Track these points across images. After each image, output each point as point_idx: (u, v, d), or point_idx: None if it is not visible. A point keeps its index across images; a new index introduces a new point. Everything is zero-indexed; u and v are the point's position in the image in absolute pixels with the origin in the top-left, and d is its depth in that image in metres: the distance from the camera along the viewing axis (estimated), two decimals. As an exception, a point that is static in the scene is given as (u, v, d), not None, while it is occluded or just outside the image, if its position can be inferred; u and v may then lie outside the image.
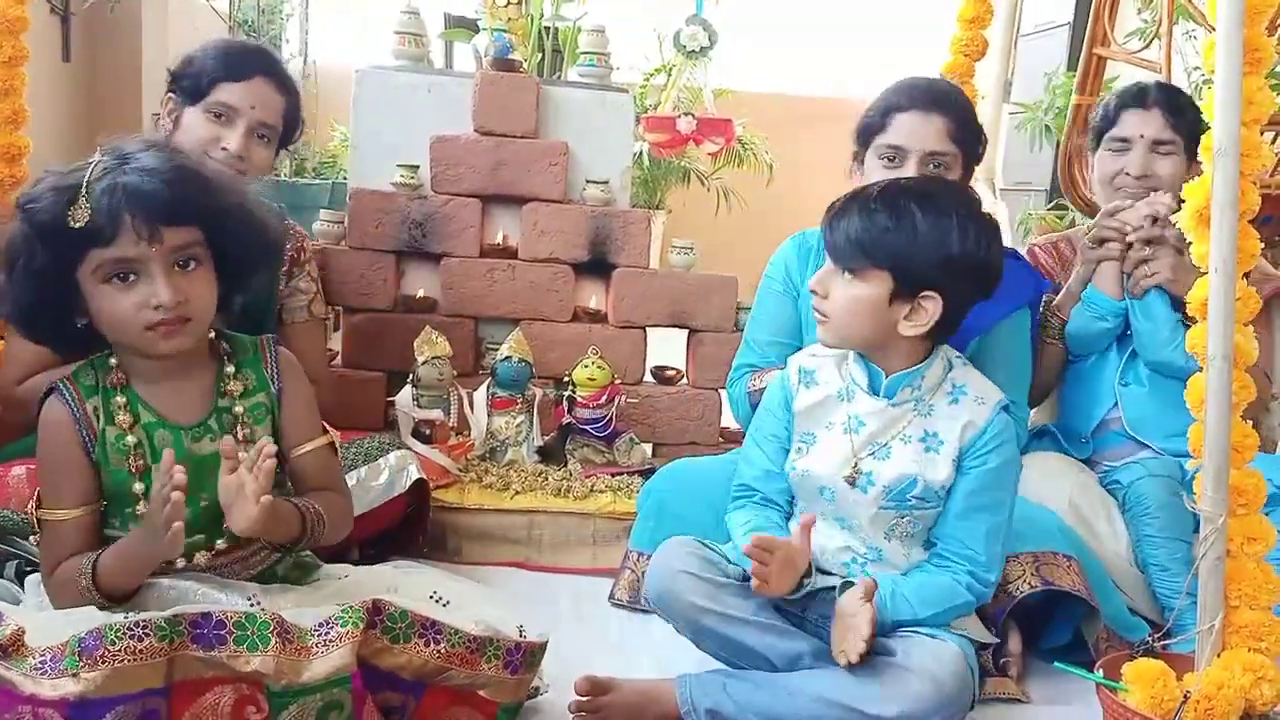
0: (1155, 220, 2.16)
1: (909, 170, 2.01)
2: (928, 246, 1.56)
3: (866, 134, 2.10)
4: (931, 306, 1.59)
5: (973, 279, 1.60)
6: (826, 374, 1.73)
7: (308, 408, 1.66)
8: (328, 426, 1.71)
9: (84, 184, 1.41)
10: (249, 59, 2.14)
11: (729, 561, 1.72)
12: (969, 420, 1.63)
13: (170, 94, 2.15)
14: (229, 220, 1.52)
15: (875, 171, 2.06)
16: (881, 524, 1.66)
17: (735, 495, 1.80)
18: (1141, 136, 2.27)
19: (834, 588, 1.61)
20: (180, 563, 1.53)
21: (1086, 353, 2.29)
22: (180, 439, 1.53)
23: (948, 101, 2.06)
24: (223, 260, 1.53)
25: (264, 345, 1.64)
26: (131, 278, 1.45)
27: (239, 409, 1.57)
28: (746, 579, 1.65)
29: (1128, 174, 2.28)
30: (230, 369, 1.59)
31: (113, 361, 1.54)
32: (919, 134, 2.02)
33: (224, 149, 2.07)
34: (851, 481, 1.65)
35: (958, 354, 1.70)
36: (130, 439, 1.51)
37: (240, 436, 1.55)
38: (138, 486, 1.51)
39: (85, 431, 1.51)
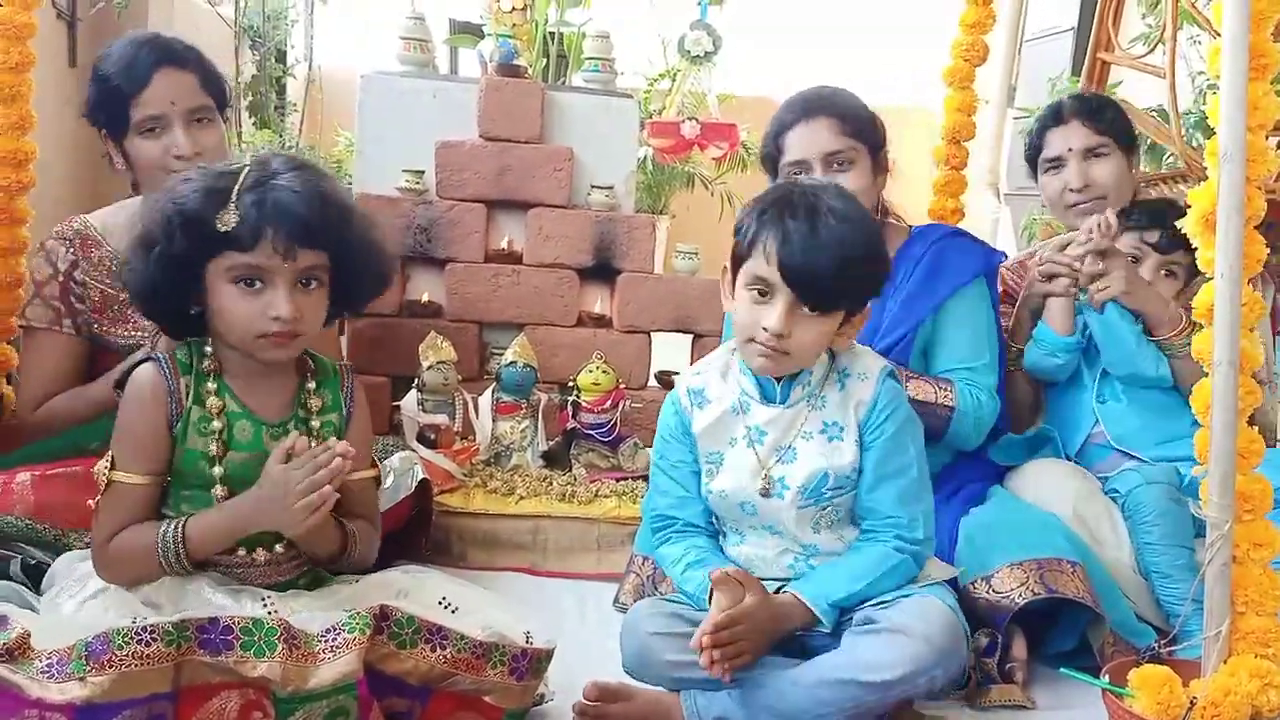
0: (1108, 228, 2.15)
1: (816, 178, 2.03)
2: (873, 275, 1.60)
3: (771, 164, 2.15)
4: (861, 318, 1.64)
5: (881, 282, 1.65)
6: (715, 389, 1.71)
7: (367, 438, 1.74)
8: (375, 461, 1.79)
9: (235, 190, 1.51)
10: (140, 61, 2.07)
11: (694, 607, 1.69)
12: (858, 399, 1.64)
13: (102, 134, 2.12)
14: (355, 250, 1.62)
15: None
16: (806, 521, 1.66)
17: (655, 528, 1.78)
18: (1070, 150, 2.33)
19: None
20: (240, 553, 1.60)
21: (1048, 381, 2.30)
22: (260, 433, 1.60)
23: (828, 103, 2.10)
24: (337, 285, 1.62)
25: (343, 371, 1.73)
26: (258, 285, 1.54)
27: (315, 422, 1.65)
28: None
29: (1071, 190, 2.33)
30: (312, 385, 1.67)
31: (208, 349, 1.61)
32: (812, 141, 2.07)
33: (176, 156, 2.05)
34: (766, 492, 1.65)
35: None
36: (216, 423, 1.58)
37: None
38: (215, 470, 1.58)
39: (174, 405, 1.58)
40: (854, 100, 2.15)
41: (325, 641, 1.37)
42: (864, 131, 2.10)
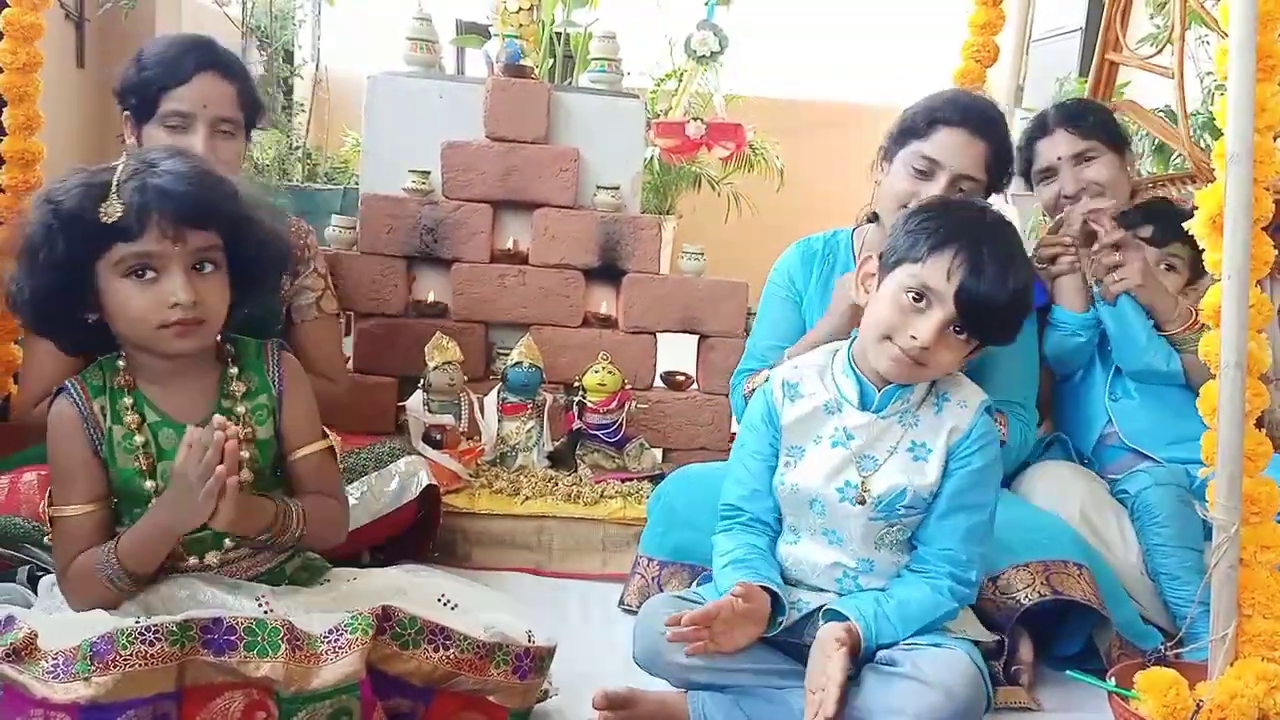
0: (1104, 217, 2.15)
1: (937, 184, 2.00)
2: (1022, 315, 1.62)
3: (905, 136, 2.07)
4: (978, 351, 1.64)
5: None
6: (811, 386, 1.71)
7: (308, 411, 1.68)
8: (328, 431, 1.72)
9: (114, 182, 1.46)
10: (186, 58, 2.07)
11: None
12: (953, 425, 1.63)
13: (125, 115, 2.12)
14: (247, 228, 1.56)
15: (901, 178, 2.05)
16: (872, 534, 1.65)
17: (723, 515, 1.77)
18: (1060, 158, 2.33)
19: (818, 609, 1.62)
20: (192, 560, 1.56)
21: (1069, 371, 2.29)
22: (184, 437, 1.52)
23: (993, 128, 2.06)
24: (236, 267, 1.57)
25: (267, 348, 1.67)
26: (151, 274, 1.48)
27: (240, 409, 1.60)
28: None
29: (1065, 196, 2.33)
30: (234, 370, 1.62)
31: (120, 363, 1.57)
32: (959, 153, 2.01)
33: None
34: (843, 496, 1.64)
35: None
36: (138, 438, 1.54)
37: (242, 437, 1.55)
38: (149, 484, 1.53)
39: (92, 430, 1.54)
40: (1008, 137, 2.15)
41: (328, 642, 1.37)
42: (999, 172, 2.09)
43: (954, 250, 1.55)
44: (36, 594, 1.67)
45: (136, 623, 1.32)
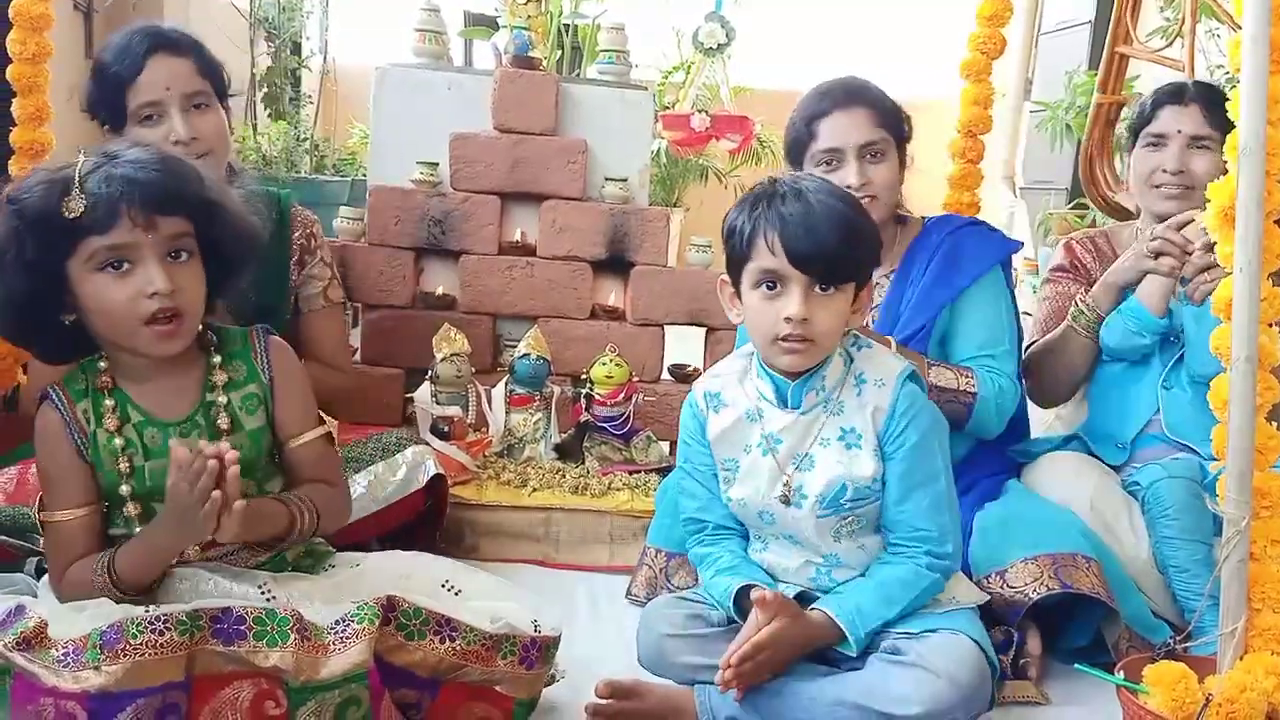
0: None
1: (849, 168, 2.05)
2: (872, 242, 1.60)
3: (798, 150, 2.14)
4: (867, 293, 1.63)
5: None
6: (731, 394, 1.69)
7: (303, 398, 1.65)
8: (325, 417, 1.70)
9: (76, 176, 1.43)
10: (133, 48, 2.04)
11: (711, 607, 1.70)
12: (875, 405, 1.61)
13: (105, 131, 2.10)
14: (218, 213, 1.53)
15: None
16: (826, 531, 1.64)
17: (688, 530, 1.78)
18: (1179, 132, 2.24)
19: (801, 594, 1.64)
20: (190, 552, 1.54)
21: (1120, 358, 2.25)
22: (168, 436, 1.53)
23: (863, 93, 2.11)
24: (210, 256, 1.54)
25: (253, 336, 1.64)
26: (125, 266, 1.45)
27: (223, 400, 1.57)
28: (732, 623, 1.66)
29: (1164, 170, 2.24)
30: (216, 359, 1.59)
31: (101, 364, 1.55)
32: (848, 131, 2.07)
33: (175, 142, 2.00)
34: (785, 500, 1.63)
35: (854, 339, 1.67)
36: (118, 441, 1.52)
37: (221, 427, 1.55)
38: (124, 488, 1.52)
39: (77, 434, 1.52)
40: (884, 92, 2.15)
41: (335, 632, 1.37)
42: (895, 124, 2.10)
43: (761, 228, 1.55)
44: (40, 585, 1.68)
45: (146, 612, 1.32)
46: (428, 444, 2.33)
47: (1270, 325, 1.56)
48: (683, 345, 3.03)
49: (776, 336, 1.56)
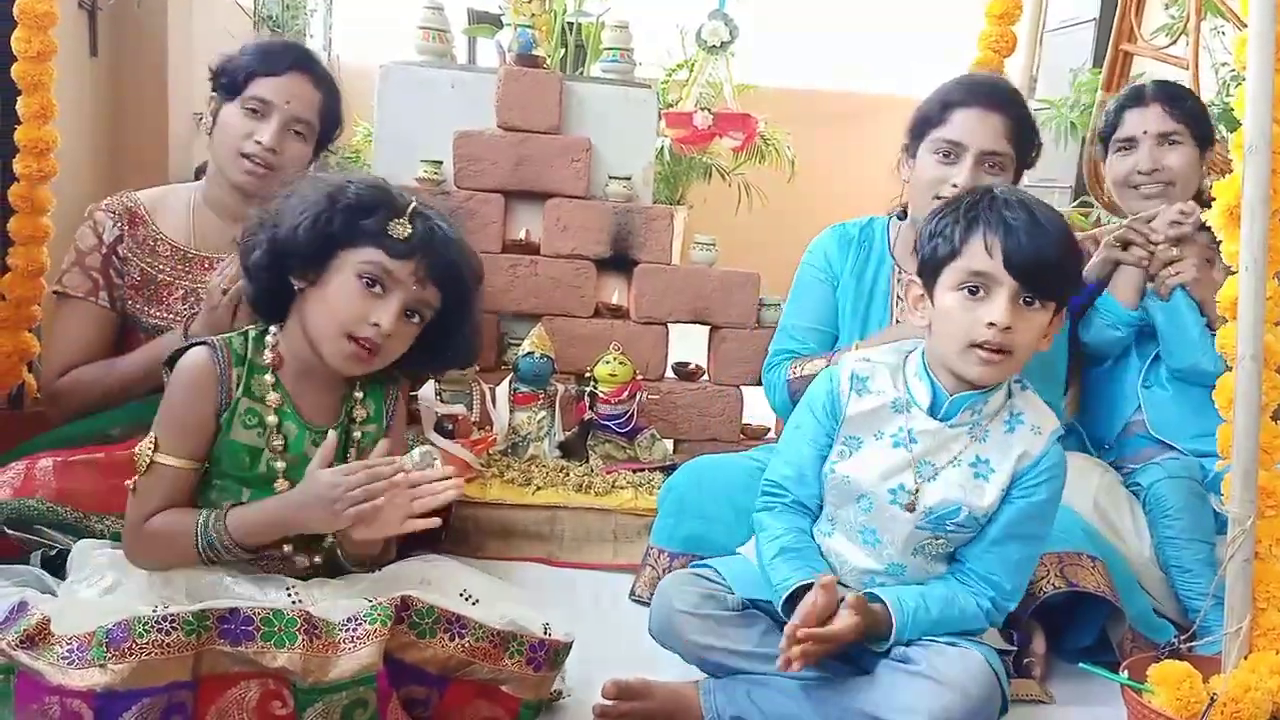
0: (1190, 215, 2.12)
1: (964, 167, 2.01)
2: (1081, 265, 1.61)
3: (922, 127, 2.09)
4: (1060, 319, 1.59)
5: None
6: (880, 382, 1.65)
7: (401, 449, 1.73)
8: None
9: (410, 209, 1.62)
10: (284, 54, 2.15)
11: (729, 591, 1.70)
12: (1024, 450, 1.59)
13: (212, 92, 2.17)
14: (464, 313, 1.70)
15: (928, 167, 2.06)
16: (913, 542, 1.62)
17: (765, 491, 1.73)
18: (1145, 133, 2.30)
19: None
20: (287, 547, 1.62)
21: (1102, 357, 2.27)
22: (303, 437, 1.62)
23: (1008, 101, 2.06)
24: (431, 333, 1.68)
25: (390, 383, 1.75)
26: (378, 290, 1.58)
27: (357, 433, 1.68)
28: (747, 608, 1.66)
29: (1139, 171, 2.30)
30: (360, 394, 1.70)
31: (270, 339, 1.64)
32: (978, 131, 2.02)
33: (257, 142, 2.08)
34: (908, 505, 1.60)
35: (1019, 379, 1.64)
36: (271, 418, 1.61)
37: (350, 457, 1.66)
38: (279, 464, 1.61)
39: (224, 393, 1.59)
40: (1028, 109, 2.12)
41: (346, 631, 1.38)
42: (1025, 144, 2.08)
43: (981, 227, 1.52)
44: (53, 575, 1.69)
45: (153, 611, 1.32)
46: (432, 443, 2.33)
47: (1276, 324, 1.56)
48: (686, 343, 3.03)
49: (973, 342, 1.53)
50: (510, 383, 2.60)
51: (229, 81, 2.12)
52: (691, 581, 1.72)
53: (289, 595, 1.52)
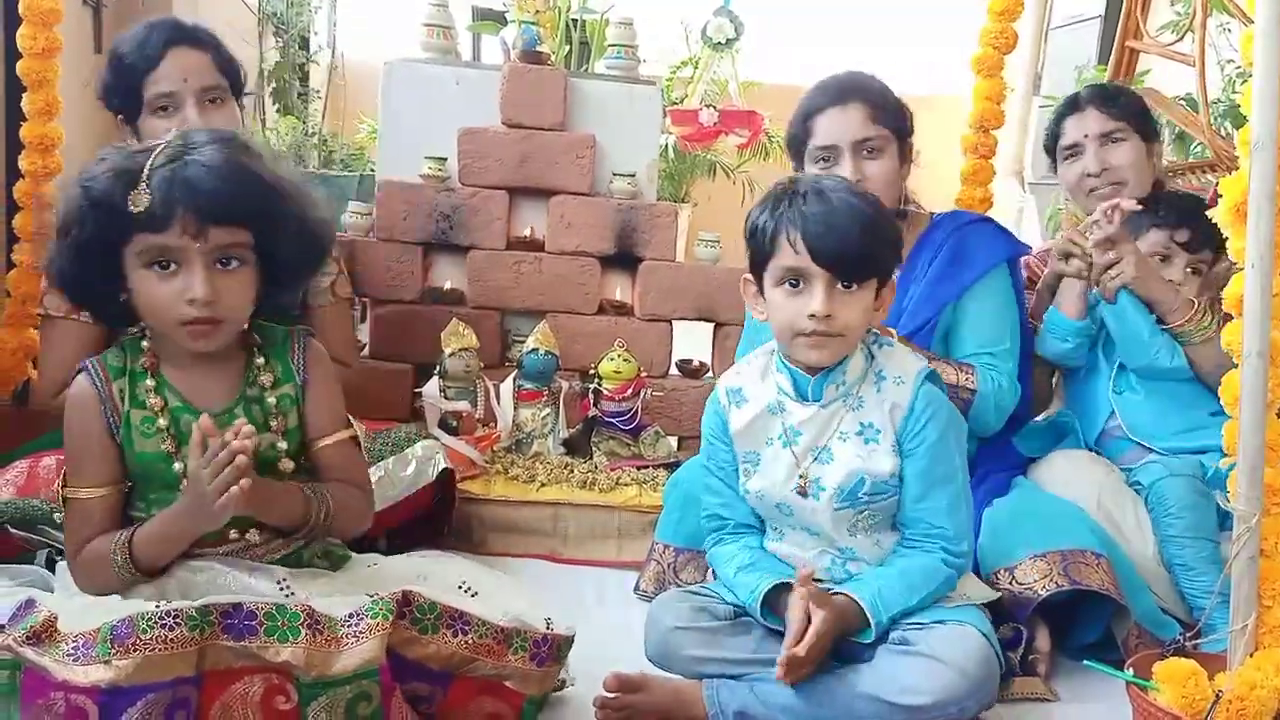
0: (1114, 212, 2.11)
1: (845, 165, 2.05)
2: (894, 239, 1.62)
3: (797, 146, 2.15)
4: (890, 291, 1.64)
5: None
6: (753, 389, 1.71)
7: (332, 400, 1.66)
8: (353, 420, 1.71)
9: (146, 169, 1.44)
10: (152, 39, 2.07)
11: (720, 601, 1.72)
12: (894, 402, 1.63)
13: (118, 119, 2.11)
14: (281, 226, 1.52)
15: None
16: (843, 524, 1.66)
17: (708, 528, 1.80)
18: (1086, 136, 2.34)
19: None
20: (233, 533, 1.55)
21: (1067, 368, 2.29)
22: (196, 424, 1.51)
23: (860, 89, 2.10)
24: (268, 262, 1.54)
25: (293, 336, 1.65)
26: (172, 267, 1.47)
27: (271, 399, 1.59)
28: (738, 616, 1.68)
29: (1088, 174, 2.34)
30: (260, 360, 1.60)
31: (145, 344, 1.56)
32: (843, 127, 2.07)
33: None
34: (802, 492, 1.65)
35: (875, 337, 1.69)
36: (161, 420, 1.53)
37: (273, 427, 1.57)
38: (176, 466, 1.52)
39: (110, 413, 1.53)
40: (885, 88, 2.15)
41: (348, 626, 1.37)
42: (894, 120, 2.10)
43: (785, 225, 1.57)
44: (55, 575, 1.68)
45: (157, 607, 1.32)
46: (436, 439, 2.33)
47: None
48: (690, 340, 3.03)
49: (799, 332, 1.58)
50: (514, 379, 2.60)
51: (124, 99, 2.06)
52: (682, 598, 1.74)
53: (280, 587, 1.50)
